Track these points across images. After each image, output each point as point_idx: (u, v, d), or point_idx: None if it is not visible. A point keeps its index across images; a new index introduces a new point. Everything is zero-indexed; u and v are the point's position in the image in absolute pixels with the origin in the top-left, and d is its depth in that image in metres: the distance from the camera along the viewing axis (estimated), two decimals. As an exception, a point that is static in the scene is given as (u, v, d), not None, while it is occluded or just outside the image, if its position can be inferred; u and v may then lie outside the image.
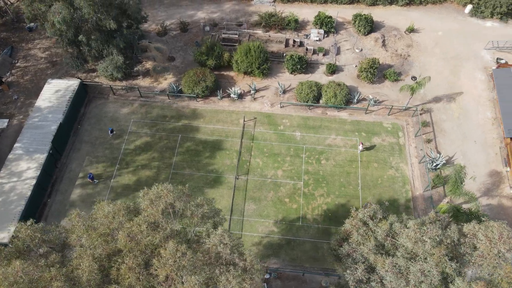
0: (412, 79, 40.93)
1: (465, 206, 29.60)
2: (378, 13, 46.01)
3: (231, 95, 39.92)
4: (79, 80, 38.99)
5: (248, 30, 44.95)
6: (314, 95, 38.54)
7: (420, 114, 37.93)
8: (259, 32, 44.91)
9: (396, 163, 35.84)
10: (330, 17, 43.79)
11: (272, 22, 44.39)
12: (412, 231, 17.77)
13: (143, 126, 38.26)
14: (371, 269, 18.42)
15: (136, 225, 17.80)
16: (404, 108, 38.36)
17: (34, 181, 32.99)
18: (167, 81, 41.54)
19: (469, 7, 45.41)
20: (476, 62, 41.99)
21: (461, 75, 41.16)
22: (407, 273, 17.11)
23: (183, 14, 46.83)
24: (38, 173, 33.33)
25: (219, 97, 39.81)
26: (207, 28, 45.52)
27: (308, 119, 38.67)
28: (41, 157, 34.20)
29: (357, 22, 43.78)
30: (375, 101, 38.76)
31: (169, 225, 18.28)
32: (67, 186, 35.04)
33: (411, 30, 44.11)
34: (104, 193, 34.72)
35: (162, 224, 18.26)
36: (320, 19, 43.87)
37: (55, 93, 38.01)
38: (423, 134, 36.88)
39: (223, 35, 44.22)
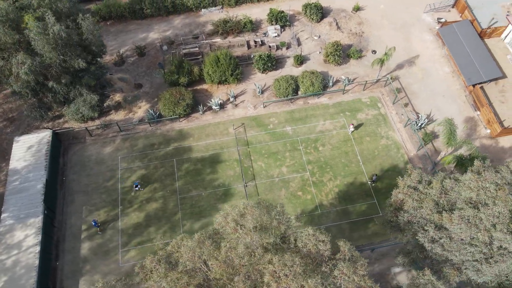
0: (372, 53, 43.67)
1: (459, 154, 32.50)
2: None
3: (212, 107, 39.65)
4: (50, 130, 36.29)
5: (207, 41, 44.77)
6: (293, 88, 39.61)
7: (392, 82, 40.63)
8: (218, 40, 44.94)
9: (385, 132, 38.17)
10: (283, 11, 45.09)
11: (228, 28, 44.63)
12: (473, 181, 19.38)
13: (133, 160, 36.68)
14: (438, 228, 19.81)
15: (231, 249, 17.38)
16: (375, 80, 40.86)
17: (38, 248, 30.40)
18: (141, 109, 40.12)
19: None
20: (421, 25, 45.85)
21: (412, 40, 44.72)
22: (475, 221, 18.73)
23: (135, 38, 45.31)
24: (40, 238, 30.70)
25: (201, 112, 39.35)
26: (165, 47, 44.57)
27: (293, 112, 39.68)
28: (37, 221, 31.53)
29: (308, 12, 45.56)
30: (349, 80, 40.81)
31: (264, 240, 18.09)
32: (73, 243, 32.66)
33: (357, 9, 46.90)
34: (115, 238, 32.93)
35: (255, 241, 18.01)
36: (273, 15, 44.97)
37: (28, 150, 35.04)
38: (399, 100, 39.60)
39: (184, 51, 43.60)
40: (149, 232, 33.20)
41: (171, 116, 38.26)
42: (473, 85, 39.52)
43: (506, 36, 43.16)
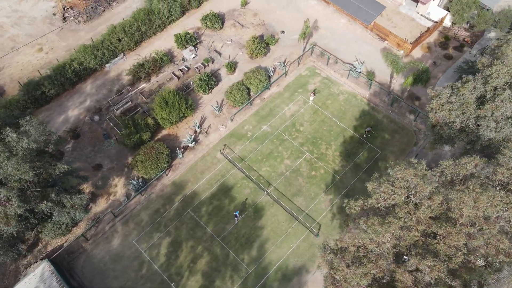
0: (281, 33, 47.62)
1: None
2: (212, 7, 49.78)
3: (188, 146, 38.49)
4: (45, 260, 30.66)
5: (134, 91, 42.43)
6: (246, 92, 41.01)
7: (314, 48, 45.25)
8: (144, 85, 43.03)
9: (337, 89, 42.84)
10: (189, 32, 45.37)
11: (148, 69, 43.00)
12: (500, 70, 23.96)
13: (150, 236, 33.69)
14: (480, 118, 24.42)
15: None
16: (302, 53, 45.01)
17: None
18: (118, 186, 36.56)
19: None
20: (301, -5, 51.49)
21: (303, 9, 50.08)
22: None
23: (55, 125, 39.98)
24: None
25: (180, 156, 37.87)
26: (96, 117, 40.73)
27: (258, 112, 41.25)
28: None
29: (208, 23, 46.77)
30: (284, 63, 44.03)
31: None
32: None
33: (245, 3, 50.02)
34: (190, 314, 30.43)
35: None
36: (181, 39, 44.90)
37: (35, 292, 29.16)
38: (329, 61, 44.60)
39: (118, 111, 40.64)
40: (217, 287, 31.55)
41: (157, 174, 35.95)
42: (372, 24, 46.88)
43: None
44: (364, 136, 39.13)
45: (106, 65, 44.62)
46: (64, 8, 49.23)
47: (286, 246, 33.35)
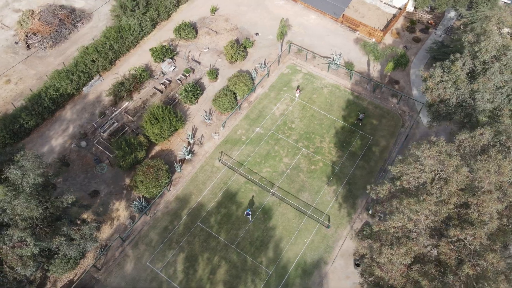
0: (256, 35, 48.12)
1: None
2: (182, 17, 49.41)
3: (185, 158, 38.05)
4: (59, 298, 29.27)
5: (118, 111, 41.35)
6: (233, 97, 41.13)
7: (291, 46, 46.12)
8: (128, 103, 42.04)
9: (320, 83, 43.89)
10: (164, 45, 44.81)
11: (130, 87, 42.06)
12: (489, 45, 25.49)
13: (163, 255, 33.02)
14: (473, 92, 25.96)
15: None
16: (281, 52, 45.73)
17: None
18: (120, 210, 35.55)
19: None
20: (267, -4, 52.23)
21: (272, 10, 50.84)
22: (501, 70, 25.36)
23: (44, 153, 38.24)
24: None
25: (179, 170, 37.37)
26: (83, 143, 39.34)
27: (248, 115, 41.47)
28: None
29: (182, 33, 46.42)
30: (264, 64, 44.54)
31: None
32: None
33: (215, 10, 50.08)
34: (219, 326, 30.15)
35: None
36: (158, 53, 44.27)
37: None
38: (307, 56, 45.61)
39: (105, 134, 39.50)
40: (241, 293, 31.46)
41: (159, 191, 35.30)
42: (342, 16, 48.44)
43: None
44: (357, 123, 40.32)
45: (83, 89, 43.19)
46: (26, 35, 47.06)
47: (300, 242, 33.80)
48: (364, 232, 22.42)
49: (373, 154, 38.71)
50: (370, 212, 34.71)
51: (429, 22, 48.45)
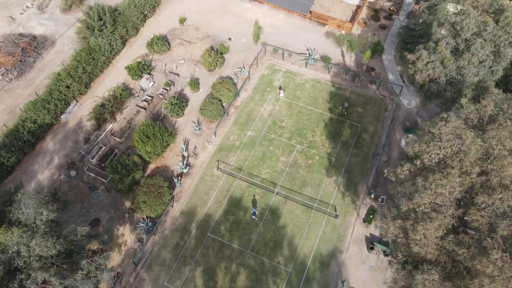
0: (229, 40, 48.30)
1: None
2: (150, 31, 48.53)
3: (183, 172, 37.56)
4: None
5: (103, 134, 40.06)
6: (220, 104, 41.09)
7: (266, 47, 46.72)
8: (112, 125, 40.84)
9: (301, 80, 44.78)
10: (140, 62, 43.94)
11: (111, 108, 40.87)
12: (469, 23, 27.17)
13: (180, 272, 32.46)
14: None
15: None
16: (257, 54, 46.20)
17: None
18: (126, 234, 34.54)
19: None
20: (233, 0, 52.54)
21: (241, 13, 51.15)
22: (483, 45, 27.17)
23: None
24: None
25: (179, 185, 36.83)
26: (72, 172, 37.78)
27: (237, 120, 41.56)
28: None
29: (155, 47, 45.68)
30: (243, 68, 44.81)
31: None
32: None
33: (183, 20, 49.68)
34: (250, 332, 30.10)
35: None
36: (134, 69, 43.32)
37: None
38: (284, 55, 46.40)
39: (93, 160, 38.19)
40: (265, 296, 31.55)
41: (164, 209, 34.64)
42: (309, 12, 49.72)
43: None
44: (343, 111, 41.49)
45: (62, 116, 41.48)
46: (-12, 69, 44.41)
47: (312, 236, 34.40)
48: (391, 214, 23.36)
49: (363, 140, 40.08)
50: (372, 196, 35.96)
51: (391, 9, 50.82)
